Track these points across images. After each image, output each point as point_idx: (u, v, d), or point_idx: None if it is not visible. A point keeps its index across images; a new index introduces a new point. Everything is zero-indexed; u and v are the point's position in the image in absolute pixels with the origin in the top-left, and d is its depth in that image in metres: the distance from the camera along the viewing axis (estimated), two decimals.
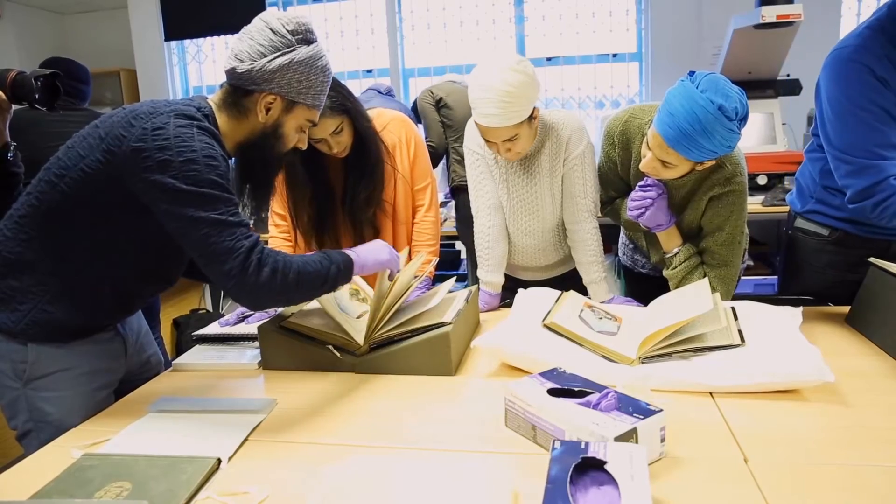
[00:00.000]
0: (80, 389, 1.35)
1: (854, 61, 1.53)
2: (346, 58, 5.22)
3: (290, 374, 1.48)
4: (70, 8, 5.73)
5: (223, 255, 1.19)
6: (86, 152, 1.24)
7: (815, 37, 3.58)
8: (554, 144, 1.82)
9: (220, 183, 1.20)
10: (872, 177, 1.55)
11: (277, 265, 1.23)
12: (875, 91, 1.51)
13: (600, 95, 4.83)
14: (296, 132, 1.40)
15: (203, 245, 1.19)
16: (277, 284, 1.22)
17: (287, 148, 1.41)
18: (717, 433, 1.12)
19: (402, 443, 1.15)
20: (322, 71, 1.35)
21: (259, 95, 1.31)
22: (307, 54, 1.31)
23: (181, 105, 1.26)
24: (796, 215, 1.91)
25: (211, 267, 1.21)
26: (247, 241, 1.21)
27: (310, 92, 1.34)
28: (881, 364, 1.38)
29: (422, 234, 2.00)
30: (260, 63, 1.28)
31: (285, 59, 1.28)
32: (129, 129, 1.20)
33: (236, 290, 1.22)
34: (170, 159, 1.17)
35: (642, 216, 1.64)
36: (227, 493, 1.00)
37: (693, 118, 1.39)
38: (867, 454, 1.03)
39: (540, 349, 1.40)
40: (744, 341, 1.38)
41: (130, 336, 1.50)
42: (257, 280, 1.20)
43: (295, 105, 1.35)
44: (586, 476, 0.90)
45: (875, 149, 1.54)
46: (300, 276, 1.26)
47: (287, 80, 1.30)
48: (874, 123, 1.53)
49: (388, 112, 1.99)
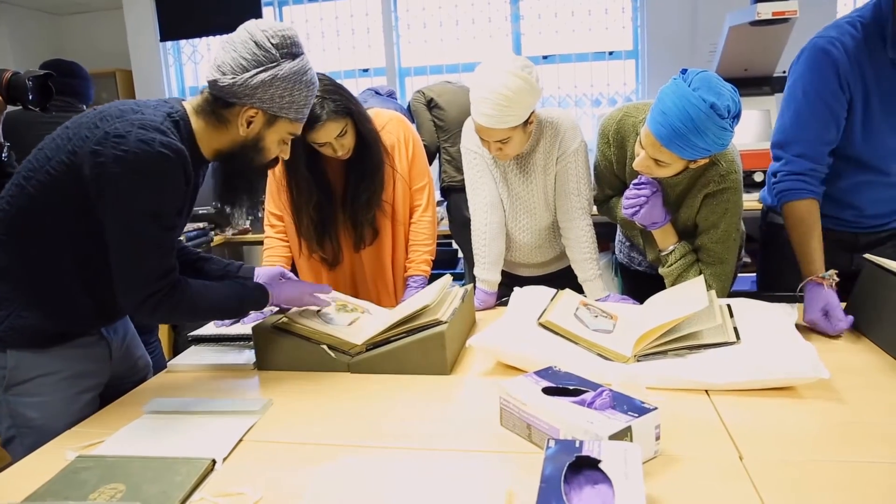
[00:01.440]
0: (62, 394, 1.34)
1: (825, 54, 1.57)
2: (342, 57, 5.22)
3: (286, 374, 1.48)
4: (65, 9, 5.71)
5: (130, 286, 1.26)
6: (52, 153, 1.23)
7: (811, 33, 3.55)
8: (548, 142, 1.82)
9: (160, 212, 1.23)
10: (778, 166, 1.67)
11: (179, 305, 1.29)
12: (829, 89, 1.57)
13: (597, 93, 4.84)
14: (277, 145, 1.38)
15: (120, 267, 1.25)
16: (172, 319, 1.42)
17: (268, 160, 1.39)
18: (713, 431, 1.12)
19: (397, 442, 1.14)
20: (307, 86, 1.32)
21: (240, 109, 1.29)
22: (291, 70, 1.28)
23: (150, 111, 1.25)
24: (767, 210, 1.94)
25: (119, 289, 1.27)
26: (157, 283, 1.25)
27: (293, 107, 1.32)
28: (876, 360, 1.38)
29: (419, 234, 2.00)
30: (242, 77, 1.25)
31: (268, 74, 1.25)
32: (93, 130, 1.20)
33: (135, 313, 1.33)
34: (122, 175, 1.17)
35: (637, 214, 1.64)
36: (221, 494, 1.00)
37: (685, 116, 1.39)
38: (862, 451, 1.03)
39: (535, 348, 1.40)
40: (739, 339, 1.38)
41: (115, 340, 1.48)
42: (152, 316, 1.29)
43: (277, 119, 1.32)
44: (581, 475, 0.90)
45: (797, 141, 1.63)
46: (197, 314, 1.39)
47: (269, 96, 1.27)
48: (808, 117, 1.61)
49: (385, 112, 1.98)
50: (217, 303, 1.38)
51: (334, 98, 1.66)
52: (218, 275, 1.60)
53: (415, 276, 1.98)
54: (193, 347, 1.69)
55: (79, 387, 1.37)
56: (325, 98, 1.64)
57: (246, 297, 1.44)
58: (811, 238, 1.60)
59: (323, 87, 1.65)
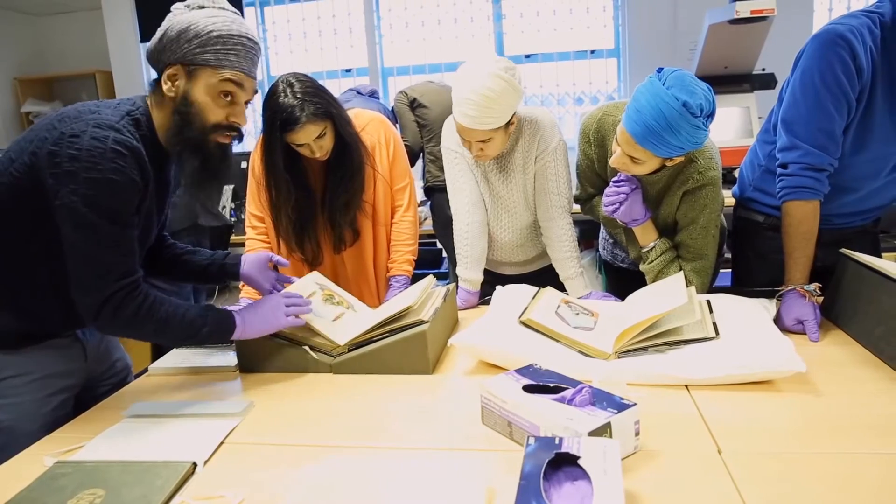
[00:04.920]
0: (33, 395, 1.33)
1: (843, 39, 1.48)
2: (325, 58, 5.21)
3: (267, 376, 1.47)
4: (44, 9, 5.65)
5: (88, 289, 1.22)
6: (16, 156, 1.22)
7: (788, 31, 3.62)
8: (527, 141, 1.82)
9: (115, 211, 1.20)
10: (793, 156, 1.57)
11: (139, 311, 1.24)
12: (848, 76, 1.49)
13: (579, 92, 4.86)
14: (212, 99, 1.29)
15: (77, 269, 1.22)
16: (132, 328, 1.27)
17: (209, 120, 1.30)
18: (692, 426, 1.13)
19: (380, 442, 1.14)
20: (221, 29, 1.26)
21: (165, 73, 1.28)
22: (196, 17, 1.25)
23: (108, 111, 1.24)
24: (737, 204, 1.94)
25: (76, 293, 1.23)
26: (116, 283, 1.22)
27: (206, 51, 1.25)
28: (852, 353, 1.40)
29: (401, 234, 2.00)
30: (159, 39, 1.26)
31: (175, 25, 1.25)
32: (51, 131, 1.19)
33: (91, 325, 1.26)
34: (75, 172, 1.16)
35: (617, 211, 1.65)
36: (202, 498, 0.99)
37: (658, 114, 1.40)
38: (840, 442, 1.05)
39: (516, 346, 1.41)
40: (718, 334, 1.40)
41: (91, 341, 1.47)
42: (112, 322, 1.24)
43: (196, 69, 1.27)
44: (560, 471, 0.90)
45: (816, 131, 1.54)
46: (160, 325, 1.27)
47: (179, 46, 1.25)
48: (828, 106, 1.52)
49: (366, 113, 1.98)
50: (180, 318, 1.30)
51: (314, 101, 1.65)
52: (205, 264, 1.60)
53: (397, 276, 1.98)
54: (175, 350, 1.68)
55: (51, 388, 1.36)
56: (305, 100, 1.64)
57: (210, 323, 1.34)
58: (807, 243, 1.56)
59: (303, 89, 1.65)
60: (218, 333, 1.36)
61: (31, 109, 5.47)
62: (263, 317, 1.41)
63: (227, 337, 1.38)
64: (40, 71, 5.72)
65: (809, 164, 1.55)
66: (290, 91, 1.64)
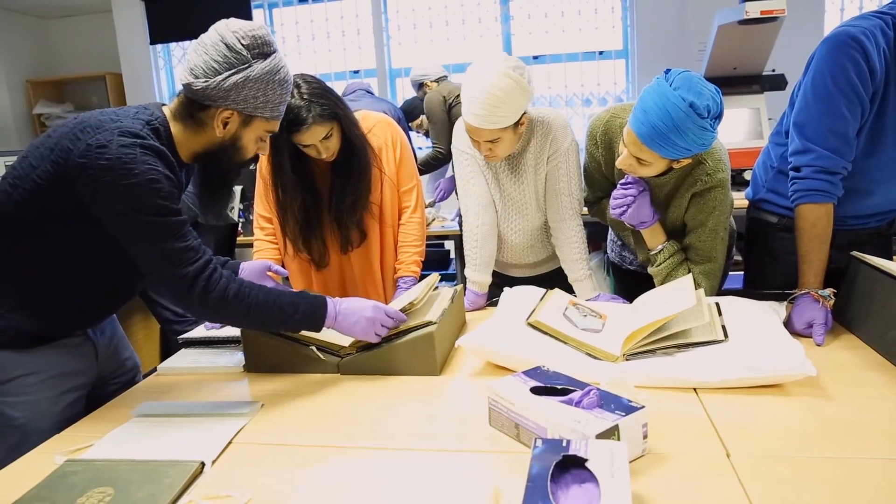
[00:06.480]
0: (46, 394, 1.34)
1: (855, 41, 1.47)
2: (333, 59, 5.22)
3: (275, 376, 1.48)
4: (54, 12, 5.70)
5: (168, 280, 1.25)
6: (37, 162, 1.23)
7: (799, 32, 3.61)
8: (538, 142, 1.82)
9: (163, 206, 1.22)
10: (806, 159, 1.56)
11: (227, 292, 1.27)
12: (861, 78, 1.48)
13: (587, 93, 4.85)
14: (255, 143, 1.39)
15: (152, 269, 1.25)
16: (224, 309, 1.29)
17: (246, 158, 1.40)
18: (700, 429, 1.12)
19: (386, 443, 1.14)
20: (280, 84, 1.32)
21: (216, 111, 1.30)
22: (263, 70, 1.27)
23: (130, 118, 1.25)
24: (750, 206, 1.92)
25: (161, 288, 1.28)
26: (191, 267, 1.24)
27: (267, 106, 1.32)
28: (863, 357, 1.39)
29: (408, 236, 2.00)
30: (215, 81, 1.25)
31: (240, 76, 1.25)
32: (75, 142, 1.20)
33: (188, 310, 1.31)
34: (113, 183, 1.17)
35: (624, 214, 1.65)
36: (209, 497, 1.00)
37: (665, 115, 1.39)
38: (849, 447, 1.04)
39: (524, 348, 1.40)
40: (727, 337, 1.39)
41: (102, 340, 1.49)
42: (203, 304, 1.26)
43: (253, 119, 1.33)
44: (568, 474, 0.90)
45: (828, 134, 1.53)
46: (252, 309, 1.30)
47: (243, 97, 1.28)
48: (841, 108, 1.50)
49: (373, 115, 1.99)
50: (272, 303, 1.32)
51: (321, 102, 1.66)
52: None
53: (405, 277, 1.98)
54: (183, 350, 1.69)
55: (63, 387, 1.37)
56: (312, 102, 1.64)
57: (302, 310, 1.36)
58: (821, 246, 1.54)
59: (310, 91, 1.65)
60: (309, 320, 1.38)
61: (42, 111, 5.52)
62: (357, 322, 1.40)
63: (319, 325, 1.39)
64: (51, 73, 5.77)
65: (822, 168, 1.54)
66: (296, 92, 1.64)
